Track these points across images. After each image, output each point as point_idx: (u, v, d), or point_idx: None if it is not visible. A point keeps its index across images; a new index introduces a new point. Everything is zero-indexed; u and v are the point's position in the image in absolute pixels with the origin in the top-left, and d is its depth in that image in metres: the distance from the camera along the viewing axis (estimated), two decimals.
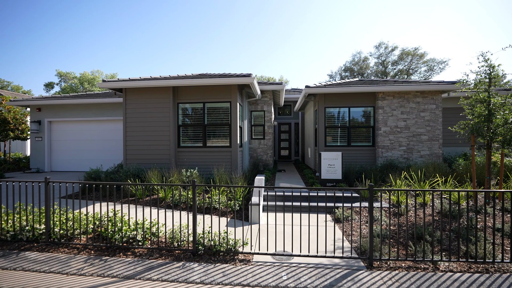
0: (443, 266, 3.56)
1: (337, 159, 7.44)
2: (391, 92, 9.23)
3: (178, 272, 3.42)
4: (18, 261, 3.73)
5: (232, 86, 8.38)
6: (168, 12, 65.98)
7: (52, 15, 61.91)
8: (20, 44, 61.87)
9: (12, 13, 59.48)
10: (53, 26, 62.91)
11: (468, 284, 3.17)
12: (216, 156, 8.45)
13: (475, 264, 3.59)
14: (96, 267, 3.57)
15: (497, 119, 5.69)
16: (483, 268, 3.51)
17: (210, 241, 3.83)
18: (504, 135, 5.56)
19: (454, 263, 3.63)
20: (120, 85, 8.42)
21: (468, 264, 3.59)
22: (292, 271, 3.44)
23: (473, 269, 3.49)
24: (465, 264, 3.60)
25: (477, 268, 3.52)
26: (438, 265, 3.57)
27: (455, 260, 3.58)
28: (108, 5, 64.43)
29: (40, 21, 61.66)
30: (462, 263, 3.63)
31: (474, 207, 5.54)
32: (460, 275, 3.34)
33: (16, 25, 60.06)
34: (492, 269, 3.50)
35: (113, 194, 6.87)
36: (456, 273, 3.40)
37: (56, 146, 12.20)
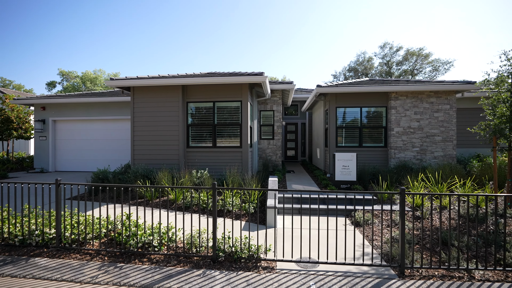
0: (478, 275, 3.36)
1: (351, 160, 7.24)
2: (404, 92, 9.02)
3: (199, 281, 3.23)
4: (28, 268, 3.54)
5: (243, 85, 8.19)
6: (170, 12, 65.85)
7: (54, 14, 61.86)
8: (21, 43, 61.82)
9: (14, 12, 59.46)
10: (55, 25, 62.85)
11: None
12: (226, 157, 8.25)
13: (511, 273, 3.39)
14: (111, 274, 3.37)
15: None
16: None
17: (231, 247, 3.63)
18: None
19: (490, 271, 3.43)
20: (128, 84, 8.23)
21: (505, 273, 3.39)
22: (320, 279, 3.24)
23: (510, 278, 3.29)
24: (501, 273, 3.40)
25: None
26: (473, 274, 3.37)
27: (491, 268, 3.38)
28: (109, 5, 64.32)
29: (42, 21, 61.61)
30: (498, 271, 3.43)
31: (497, 211, 5.34)
32: (499, 285, 3.14)
33: (18, 24, 60.04)
34: None
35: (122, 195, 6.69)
36: (494, 282, 3.20)
37: (61, 145, 12.02)
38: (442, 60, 31.91)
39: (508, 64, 5.68)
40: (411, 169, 8.22)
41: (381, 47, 34.75)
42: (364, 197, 5.92)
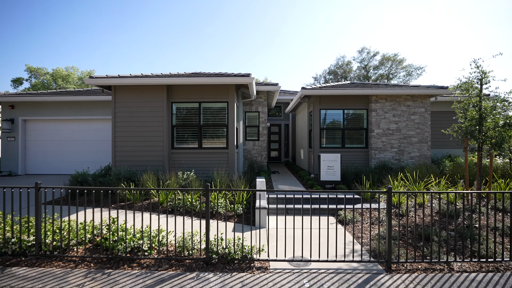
0: (456, 267, 3.62)
1: (336, 161, 7.47)
2: (384, 95, 9.47)
3: (192, 284, 3.18)
4: (4, 278, 3.28)
5: (229, 86, 8.16)
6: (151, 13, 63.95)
7: (21, 5, 57.69)
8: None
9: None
10: (21, 17, 58.61)
11: (485, 283, 3.23)
12: (212, 158, 8.18)
13: (485, 264, 3.68)
14: (99, 282, 3.22)
15: (488, 122, 5.98)
16: (494, 267, 3.61)
17: (224, 248, 3.61)
18: (494, 138, 5.84)
19: (466, 263, 3.70)
20: (109, 82, 7.90)
21: (479, 264, 3.68)
22: (313, 277, 3.32)
23: (484, 269, 3.58)
24: (476, 264, 3.69)
25: (487, 267, 3.61)
26: (452, 266, 3.63)
27: (467, 260, 3.66)
28: None
29: (5, 11, 57.19)
30: (473, 263, 3.71)
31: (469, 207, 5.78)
32: (475, 275, 3.40)
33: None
34: (501, 267, 3.61)
35: (105, 199, 6.41)
36: (471, 273, 3.47)
37: (32, 147, 11.24)
38: (414, 66, 33.87)
39: (477, 71, 6.17)
40: (391, 169, 8.65)
41: (359, 51, 36.17)
42: (354, 197, 6.14)
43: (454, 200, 3.70)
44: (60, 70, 51.32)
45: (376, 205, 6.17)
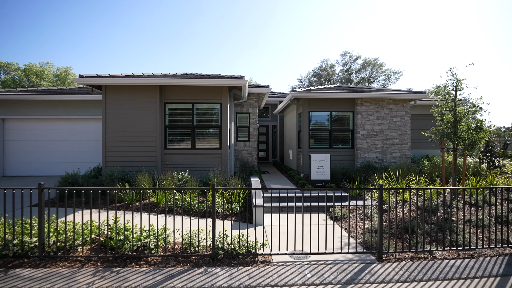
0: (438, 255, 4.05)
1: (325, 161, 7.86)
2: (369, 99, 10.03)
3: (202, 278, 3.34)
4: (8, 280, 3.26)
5: (223, 88, 8.31)
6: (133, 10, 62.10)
7: None
8: None
9: None
10: None
11: (462, 268, 3.66)
12: (205, 158, 8.28)
13: (462, 251, 4.14)
14: (109, 280, 3.29)
15: (462, 125, 6.60)
16: (469, 254, 4.07)
17: (229, 244, 3.80)
18: (467, 140, 6.46)
19: (446, 251, 4.14)
20: (100, 82, 7.78)
21: (457, 252, 4.14)
22: (314, 268, 3.59)
23: (461, 256, 4.03)
24: (455, 252, 4.14)
25: (464, 254, 4.07)
26: (434, 254, 4.05)
27: (447, 249, 4.10)
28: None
29: None
30: (452, 251, 4.16)
31: (447, 202, 6.34)
32: (454, 261, 3.84)
33: None
34: (475, 254, 4.08)
35: (97, 200, 6.35)
36: (451, 259, 3.90)
37: (11, 147, 10.71)
38: (393, 70, 35.61)
39: (452, 78, 6.78)
40: (375, 168, 9.18)
41: (342, 55, 37.45)
42: (342, 194, 6.51)
43: (431, 196, 4.13)
44: (34, 66, 48.54)
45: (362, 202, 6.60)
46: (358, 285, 3.27)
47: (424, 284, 3.31)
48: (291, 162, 12.35)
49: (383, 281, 3.35)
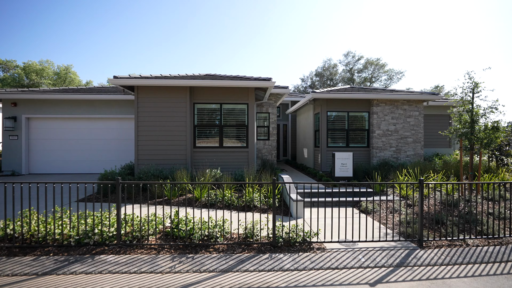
0: (470, 242, 4.50)
1: (348, 159, 8.29)
2: (384, 99, 10.48)
3: (270, 262, 3.74)
4: (97, 264, 3.63)
5: (249, 89, 8.68)
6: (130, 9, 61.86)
7: None
8: None
9: None
10: None
11: (495, 253, 4.11)
12: (233, 156, 8.65)
13: (491, 240, 4.60)
14: (187, 264, 3.68)
15: (479, 125, 7.08)
16: (498, 242, 4.53)
17: (287, 233, 4.20)
18: (485, 139, 6.93)
19: (477, 240, 4.59)
20: (133, 83, 8.10)
21: (487, 240, 4.59)
22: (365, 254, 4.02)
23: (491, 243, 4.49)
24: (485, 240, 4.59)
25: (493, 242, 4.53)
26: (467, 242, 4.50)
27: (479, 237, 4.56)
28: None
29: None
30: (482, 239, 4.61)
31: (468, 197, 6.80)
32: (487, 248, 4.29)
33: None
34: (504, 242, 4.54)
35: (138, 195, 6.69)
36: (483, 246, 4.35)
37: (36, 146, 10.96)
38: (395, 70, 36.23)
39: (469, 82, 7.24)
40: (391, 166, 9.64)
41: (345, 55, 37.94)
42: (367, 190, 6.93)
43: (459, 192, 4.55)
44: (34, 64, 48.28)
45: (385, 197, 7.04)
46: (407, 268, 3.70)
47: (465, 266, 3.75)
48: (306, 160, 12.78)
49: (429, 264, 3.78)
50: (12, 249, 3.91)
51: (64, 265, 3.58)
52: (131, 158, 10.81)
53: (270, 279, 3.38)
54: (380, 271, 3.59)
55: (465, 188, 7.58)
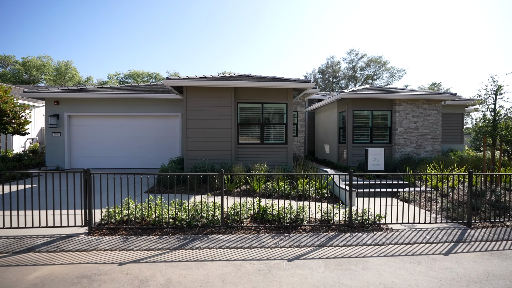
0: (508, 224, 5.35)
1: (380, 154, 9.10)
2: (405, 99, 11.30)
3: (353, 239, 4.51)
4: (214, 241, 4.33)
5: (288, 90, 9.38)
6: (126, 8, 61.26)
7: None
8: None
9: None
10: None
11: None
12: (272, 152, 9.37)
13: None
14: (287, 241, 4.42)
15: (501, 124, 7.94)
16: None
17: (360, 216, 4.98)
18: (508, 136, 7.80)
19: None
20: (182, 83, 8.70)
21: None
22: (428, 232, 4.82)
23: None
24: None
25: None
26: (506, 223, 5.35)
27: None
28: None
29: None
30: None
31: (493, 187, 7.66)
32: None
33: None
34: None
35: (198, 187, 7.36)
36: None
37: (76, 142, 11.48)
38: (397, 68, 37.24)
39: (493, 84, 8.09)
40: (414, 161, 10.51)
41: (348, 53, 38.75)
42: (404, 182, 7.72)
43: (492, 181, 5.36)
44: (34, 60, 47.83)
45: (414, 188, 7.88)
46: (466, 242, 4.51)
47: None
48: (328, 155, 13.58)
49: (482, 240, 4.61)
50: (135, 230, 4.59)
51: (186, 242, 4.29)
52: (167, 153, 11.44)
53: (360, 251, 4.15)
54: (445, 245, 4.39)
55: (487, 180, 8.47)
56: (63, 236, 4.37)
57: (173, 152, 11.51)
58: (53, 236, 4.39)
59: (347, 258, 3.93)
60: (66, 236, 4.37)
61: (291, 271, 3.52)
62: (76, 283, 3.18)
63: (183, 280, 3.26)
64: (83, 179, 4.50)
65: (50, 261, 3.69)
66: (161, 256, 3.90)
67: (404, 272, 3.50)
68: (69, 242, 4.23)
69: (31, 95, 10.98)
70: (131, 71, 49.44)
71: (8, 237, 4.32)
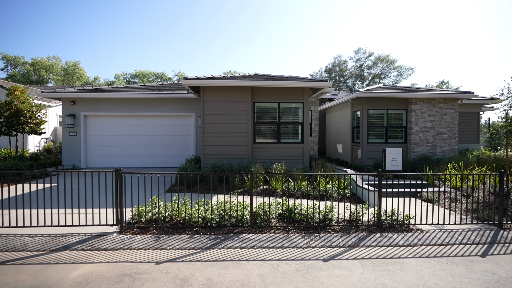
0: None
1: (398, 154, 9.01)
2: (422, 98, 11.17)
3: (385, 240, 4.47)
4: (245, 241, 4.33)
5: (305, 89, 9.33)
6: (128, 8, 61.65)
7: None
8: None
9: None
10: None
11: None
12: (288, 151, 9.34)
13: None
14: (318, 241, 4.40)
15: None
16: None
17: (389, 217, 4.93)
18: None
19: None
20: (200, 83, 8.71)
21: None
22: (459, 233, 4.75)
23: None
24: None
25: None
26: None
27: None
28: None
29: None
30: None
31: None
32: None
33: None
34: None
35: (221, 186, 7.37)
36: None
37: (92, 141, 11.59)
38: (405, 67, 36.85)
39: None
40: (430, 161, 10.38)
41: (356, 51, 38.45)
42: (422, 182, 7.64)
43: (495, 183, 5.28)
44: (43, 60, 48.38)
45: (433, 188, 7.78)
46: (501, 244, 4.44)
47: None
48: (341, 155, 13.49)
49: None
50: (165, 229, 4.61)
51: (218, 242, 4.29)
52: (181, 153, 11.49)
53: (394, 252, 4.11)
54: (480, 247, 4.33)
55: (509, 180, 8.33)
56: (96, 235, 4.41)
57: (187, 152, 11.55)
58: (86, 234, 4.43)
59: (382, 259, 3.89)
60: (98, 235, 4.41)
61: (329, 271, 3.50)
62: (119, 281, 3.20)
63: (224, 280, 3.26)
64: (115, 178, 4.53)
65: (88, 259, 3.73)
66: (195, 255, 3.90)
67: (444, 274, 3.46)
68: (102, 240, 4.26)
69: (49, 95, 11.11)
70: (137, 71, 49.81)
71: (43, 235, 4.38)
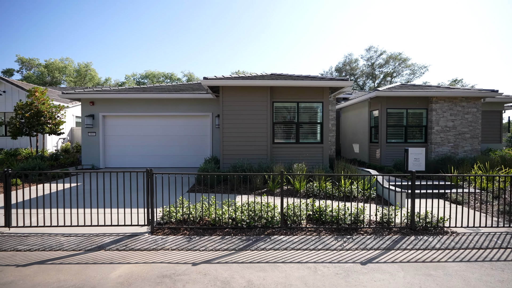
0: None
1: (421, 154, 8.80)
2: (442, 97, 10.88)
3: (420, 243, 4.34)
4: (277, 243, 4.28)
5: (324, 88, 9.21)
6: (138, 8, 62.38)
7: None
8: None
9: None
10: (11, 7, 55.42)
11: None
12: (307, 151, 9.24)
13: None
14: (351, 244, 4.31)
15: None
16: None
17: (423, 219, 4.79)
18: None
19: None
20: (219, 83, 8.71)
21: None
22: (497, 236, 4.58)
23: None
24: None
25: None
26: None
27: None
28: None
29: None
30: None
31: None
32: None
33: None
34: None
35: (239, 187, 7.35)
36: None
37: (111, 142, 11.75)
38: (418, 65, 36.10)
39: None
40: (453, 161, 10.09)
41: (367, 50, 37.90)
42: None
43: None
44: (56, 62, 49.44)
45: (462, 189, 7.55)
46: None
47: None
48: (357, 155, 13.30)
49: None
50: (196, 230, 4.60)
51: (250, 243, 4.26)
52: (198, 153, 11.54)
53: (433, 256, 3.98)
54: None
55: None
56: (129, 235, 4.44)
57: (204, 151, 11.58)
58: (119, 234, 4.46)
59: (421, 262, 3.78)
60: (131, 235, 4.44)
61: (370, 275, 3.41)
62: (160, 282, 3.20)
63: (264, 283, 3.22)
64: (146, 179, 4.55)
65: (124, 259, 3.75)
66: (229, 257, 3.88)
67: (492, 280, 3.32)
68: (136, 240, 4.29)
69: (69, 96, 11.32)
70: (147, 71, 50.40)
71: (77, 235, 4.44)
